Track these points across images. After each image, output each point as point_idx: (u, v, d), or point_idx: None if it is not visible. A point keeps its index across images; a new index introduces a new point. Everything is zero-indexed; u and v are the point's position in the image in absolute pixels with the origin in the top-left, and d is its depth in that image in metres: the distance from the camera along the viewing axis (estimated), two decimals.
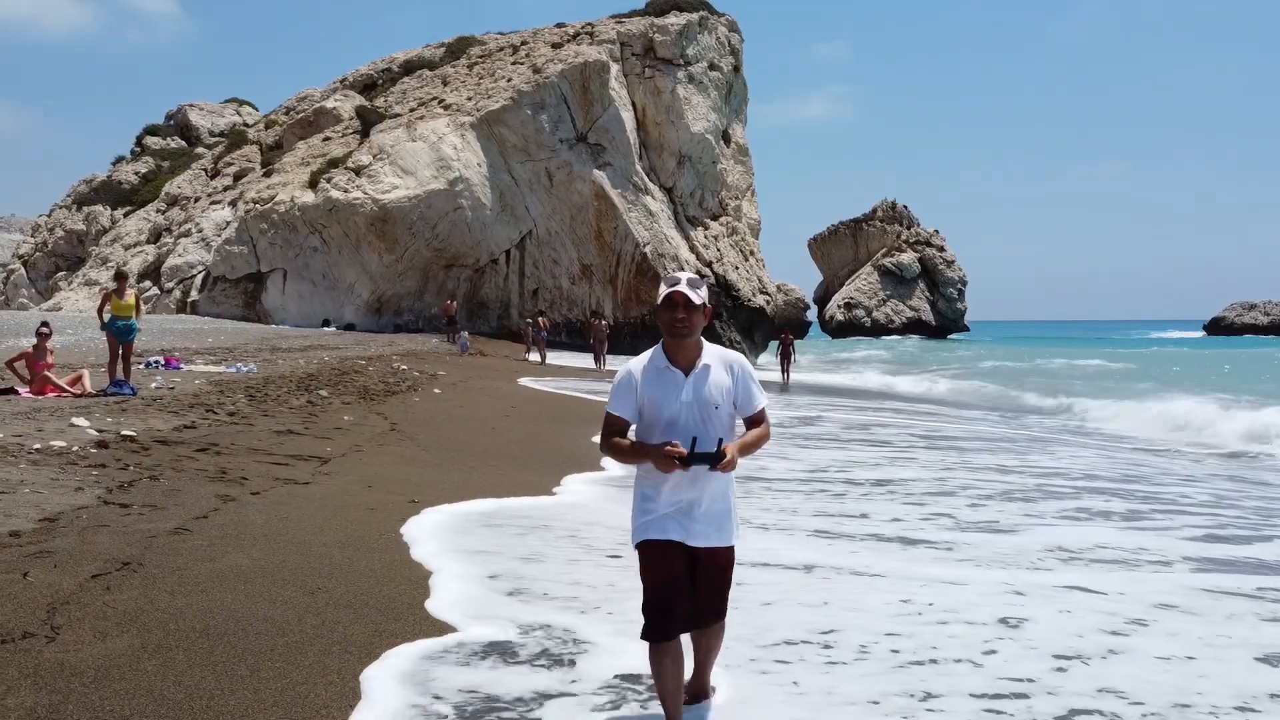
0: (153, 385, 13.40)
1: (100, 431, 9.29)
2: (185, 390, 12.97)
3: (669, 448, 3.39)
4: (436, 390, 16.40)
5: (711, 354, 3.65)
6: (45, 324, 13.56)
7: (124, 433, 9.24)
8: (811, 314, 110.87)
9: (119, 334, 13.03)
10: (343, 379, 16.58)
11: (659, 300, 3.58)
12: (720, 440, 3.49)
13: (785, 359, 32.28)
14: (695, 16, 47.57)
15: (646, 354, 3.66)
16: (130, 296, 13.38)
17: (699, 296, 3.54)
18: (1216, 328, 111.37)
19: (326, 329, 38.82)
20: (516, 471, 9.73)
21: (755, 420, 3.73)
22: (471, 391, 17.29)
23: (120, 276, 13.88)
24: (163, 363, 16.64)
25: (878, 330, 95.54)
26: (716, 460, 3.42)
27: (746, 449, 3.62)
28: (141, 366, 16.26)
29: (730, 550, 3.70)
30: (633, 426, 3.63)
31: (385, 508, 7.12)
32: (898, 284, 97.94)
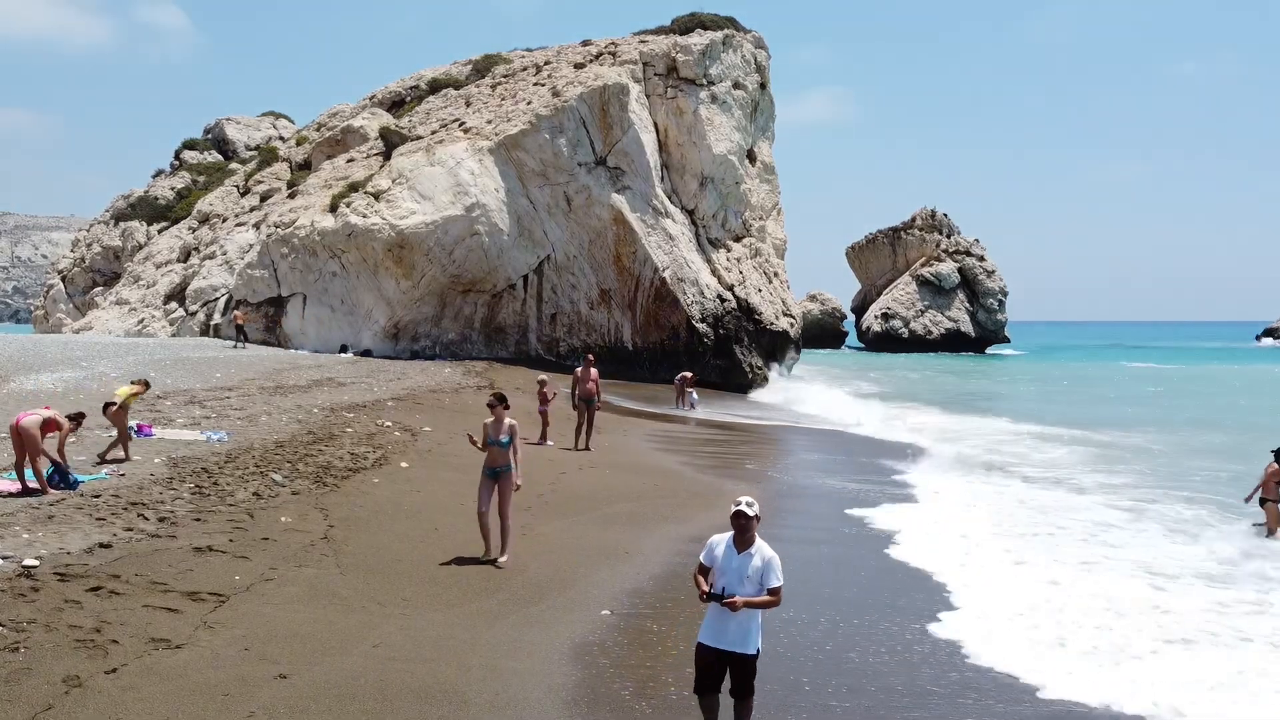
0: (103, 472, 13.23)
1: (5, 559, 9.09)
2: (132, 480, 12.78)
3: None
4: (404, 464, 16.09)
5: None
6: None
7: (26, 562, 9.02)
8: (849, 323, 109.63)
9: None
10: (313, 446, 16.34)
11: None
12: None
13: (680, 394, 33.02)
14: (719, 35, 46.93)
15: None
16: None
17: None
18: (1270, 337, 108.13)
19: (343, 355, 38.91)
20: (423, 617, 9.35)
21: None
22: (443, 460, 16.97)
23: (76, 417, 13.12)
24: (135, 430, 16.51)
25: (916, 342, 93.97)
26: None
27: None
28: (113, 434, 16.16)
29: (748, 657, 6.35)
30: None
31: (238, 700, 6.76)
32: (936, 294, 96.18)
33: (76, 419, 13.02)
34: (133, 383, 15.80)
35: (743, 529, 6.28)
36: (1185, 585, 12.10)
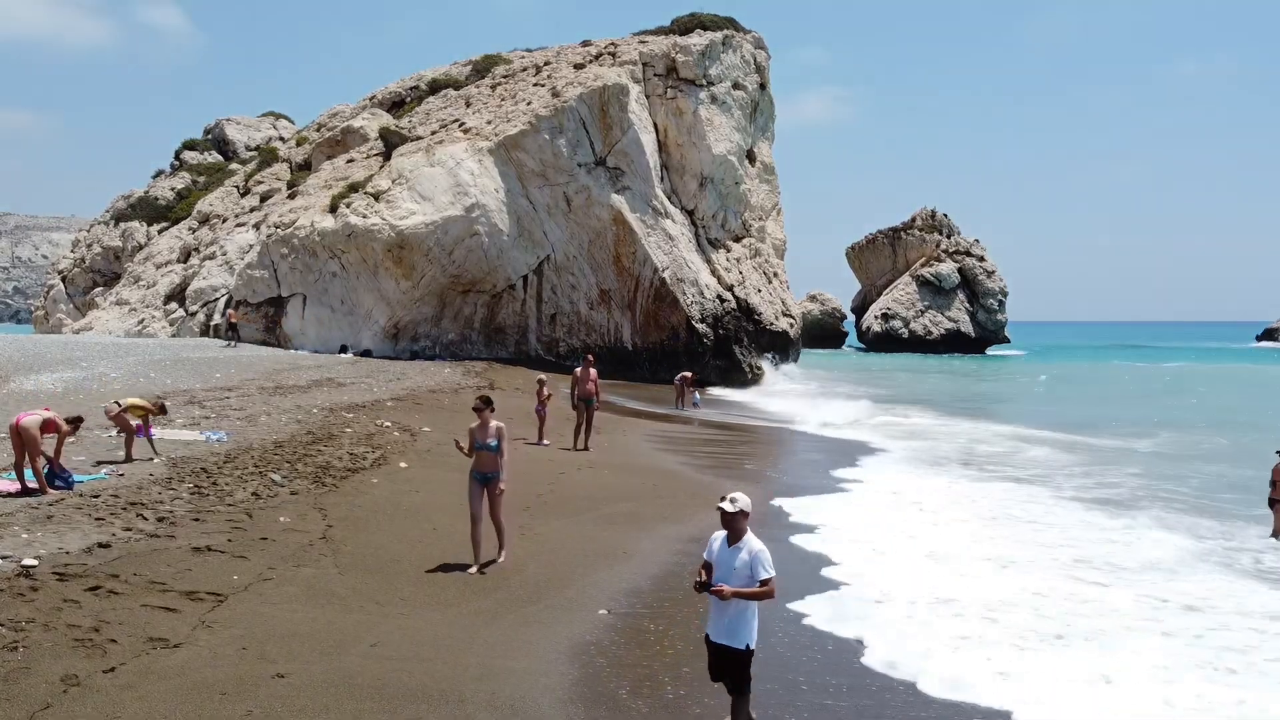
0: (102, 472, 13.26)
1: (4, 559, 9.11)
2: (131, 480, 12.81)
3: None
4: (403, 464, 16.12)
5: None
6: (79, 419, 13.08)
7: (25, 562, 9.05)
8: (849, 323, 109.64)
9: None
10: (312, 447, 16.37)
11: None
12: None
13: (680, 395, 33.19)
14: (719, 35, 46.99)
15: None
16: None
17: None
18: (1270, 339, 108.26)
19: (343, 355, 38.95)
20: (421, 616, 9.37)
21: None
22: (441, 460, 16.97)
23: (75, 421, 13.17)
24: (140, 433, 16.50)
25: (916, 342, 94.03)
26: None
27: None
28: (113, 434, 16.18)
29: (737, 651, 6.49)
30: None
31: (236, 699, 6.79)
32: (936, 294, 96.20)
33: (75, 422, 13.02)
34: (153, 401, 15.44)
35: (727, 524, 6.52)
36: (1125, 583, 11.84)
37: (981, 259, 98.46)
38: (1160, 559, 13.22)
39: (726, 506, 6.48)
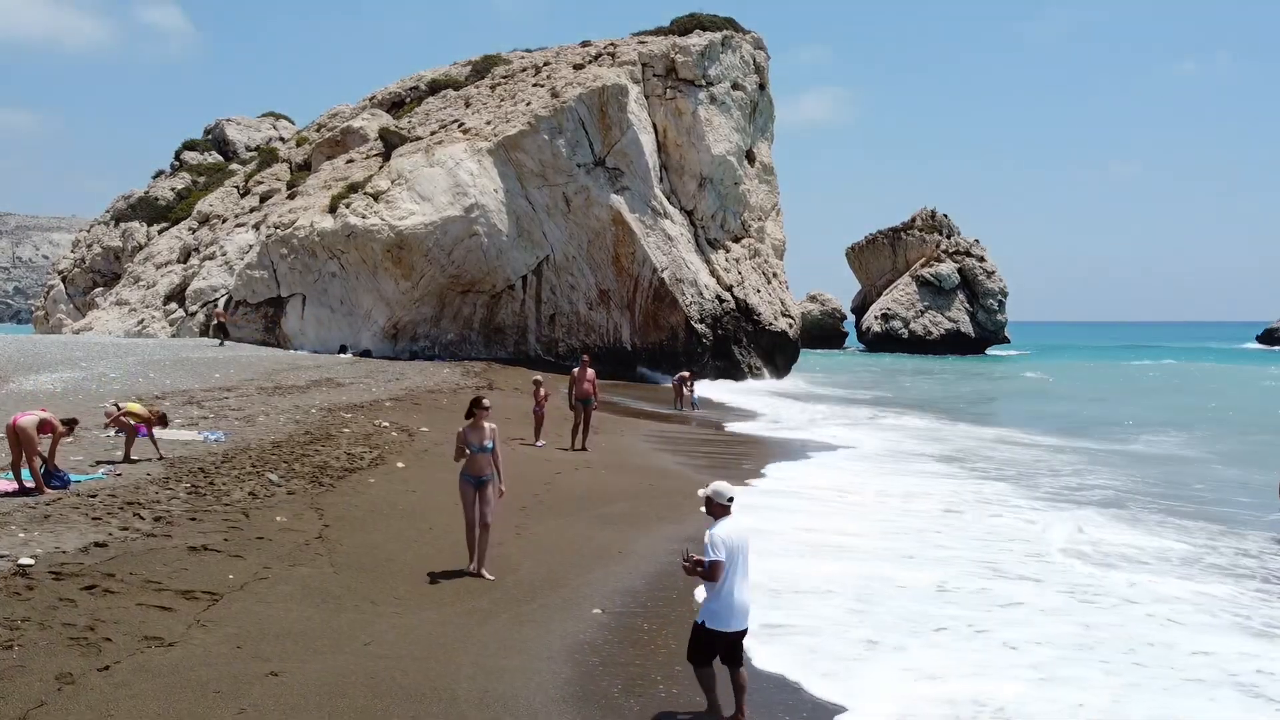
0: (100, 472, 13.30)
1: (1, 557, 9.15)
2: (128, 480, 12.85)
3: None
4: (400, 464, 16.16)
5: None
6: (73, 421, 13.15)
7: (22, 561, 9.09)
8: (849, 323, 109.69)
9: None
10: (310, 447, 16.41)
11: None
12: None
13: (679, 395, 33.16)
14: (718, 36, 47.05)
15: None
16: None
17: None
18: (1270, 339, 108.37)
19: (343, 356, 38.98)
20: (416, 615, 9.41)
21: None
22: (439, 460, 16.99)
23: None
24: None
25: (916, 343, 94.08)
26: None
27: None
28: (112, 434, 16.22)
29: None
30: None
31: (229, 697, 6.83)
32: (936, 295, 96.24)
33: (70, 424, 13.03)
34: (152, 410, 15.44)
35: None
36: (1063, 579, 11.67)
37: (981, 259, 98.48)
38: (1118, 556, 12.92)
39: (699, 493, 7.44)
